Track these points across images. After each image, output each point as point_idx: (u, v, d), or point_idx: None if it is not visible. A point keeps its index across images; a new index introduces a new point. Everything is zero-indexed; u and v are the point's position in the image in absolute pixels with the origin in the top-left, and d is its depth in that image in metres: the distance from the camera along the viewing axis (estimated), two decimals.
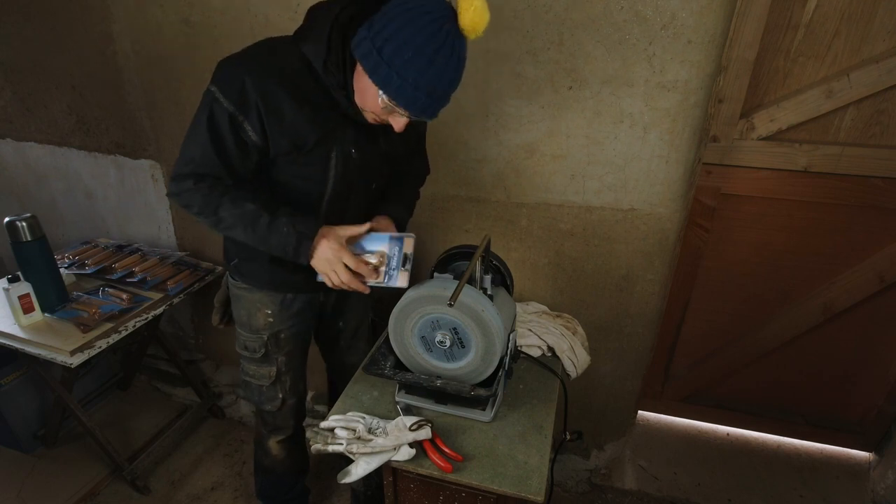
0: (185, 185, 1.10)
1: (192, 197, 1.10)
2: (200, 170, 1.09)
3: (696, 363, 1.98)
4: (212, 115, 1.04)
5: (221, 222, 1.11)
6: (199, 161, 1.08)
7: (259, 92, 1.02)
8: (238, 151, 1.08)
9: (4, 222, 1.64)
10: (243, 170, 1.12)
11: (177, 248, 2.13)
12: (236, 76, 1.02)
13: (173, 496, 1.91)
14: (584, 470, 1.99)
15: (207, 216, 1.12)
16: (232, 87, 1.02)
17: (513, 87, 1.47)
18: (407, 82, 0.93)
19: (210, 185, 1.10)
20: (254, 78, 1.02)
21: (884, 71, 1.41)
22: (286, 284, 1.31)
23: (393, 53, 0.92)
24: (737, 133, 1.56)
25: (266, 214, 1.09)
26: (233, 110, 1.03)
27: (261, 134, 1.06)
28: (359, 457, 1.07)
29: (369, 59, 0.94)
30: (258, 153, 1.10)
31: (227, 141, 1.06)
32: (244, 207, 1.09)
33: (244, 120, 1.04)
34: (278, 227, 1.09)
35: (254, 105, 1.03)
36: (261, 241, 1.12)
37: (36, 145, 2.15)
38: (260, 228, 1.09)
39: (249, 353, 1.39)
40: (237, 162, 1.10)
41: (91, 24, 1.80)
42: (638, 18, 1.31)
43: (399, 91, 0.95)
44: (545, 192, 1.58)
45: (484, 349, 1.10)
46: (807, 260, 1.72)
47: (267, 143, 1.08)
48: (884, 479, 1.86)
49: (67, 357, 1.56)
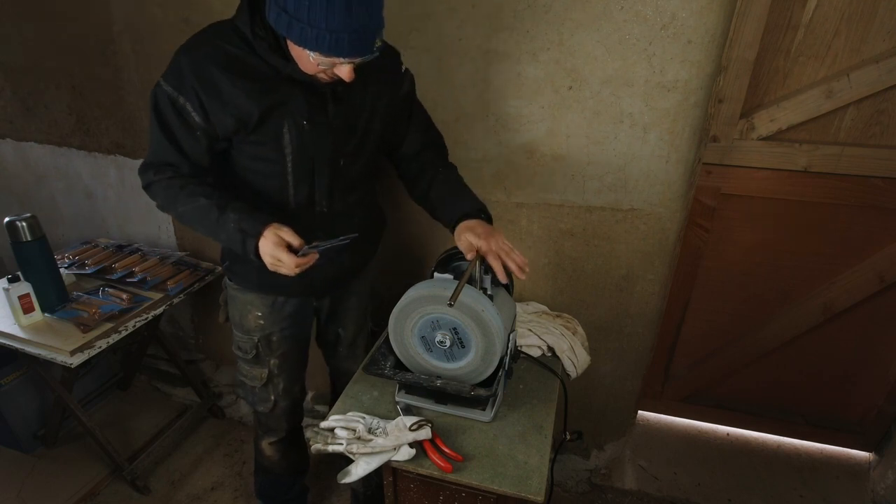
0: (148, 176, 1.13)
1: (156, 190, 1.13)
2: (157, 159, 1.12)
3: (696, 363, 1.98)
4: (157, 102, 1.08)
5: (182, 217, 1.13)
6: (155, 150, 1.12)
7: (194, 72, 1.02)
8: (186, 135, 1.08)
9: (4, 222, 1.64)
10: (197, 156, 1.12)
11: (177, 248, 2.13)
12: (175, 61, 1.05)
13: (173, 496, 1.91)
14: (584, 470, 1.99)
15: (170, 210, 1.15)
16: (171, 72, 1.05)
17: (513, 87, 1.47)
18: (320, 29, 0.90)
19: (170, 176, 1.12)
20: (189, 59, 1.03)
21: (884, 71, 1.41)
22: (274, 287, 1.30)
23: (296, 7, 0.90)
24: (737, 133, 1.56)
25: (216, 210, 1.08)
26: (171, 93, 1.05)
27: (202, 115, 1.06)
28: (359, 457, 1.07)
29: (281, 20, 0.93)
30: (206, 137, 1.09)
31: (173, 126, 1.08)
32: (197, 202, 1.09)
33: (185, 102, 1.05)
34: (225, 223, 1.08)
35: (190, 86, 1.03)
36: (215, 237, 1.12)
37: (36, 145, 2.15)
38: (211, 224, 1.09)
39: (242, 354, 1.39)
40: (187, 147, 1.10)
41: (91, 24, 1.80)
42: (638, 18, 1.31)
43: (319, 41, 0.91)
44: (545, 192, 1.58)
45: (484, 349, 1.10)
46: (807, 260, 1.72)
47: (211, 124, 1.07)
48: (884, 479, 1.86)
49: (67, 357, 1.56)
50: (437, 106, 1.38)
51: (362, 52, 0.95)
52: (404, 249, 1.80)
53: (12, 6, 1.89)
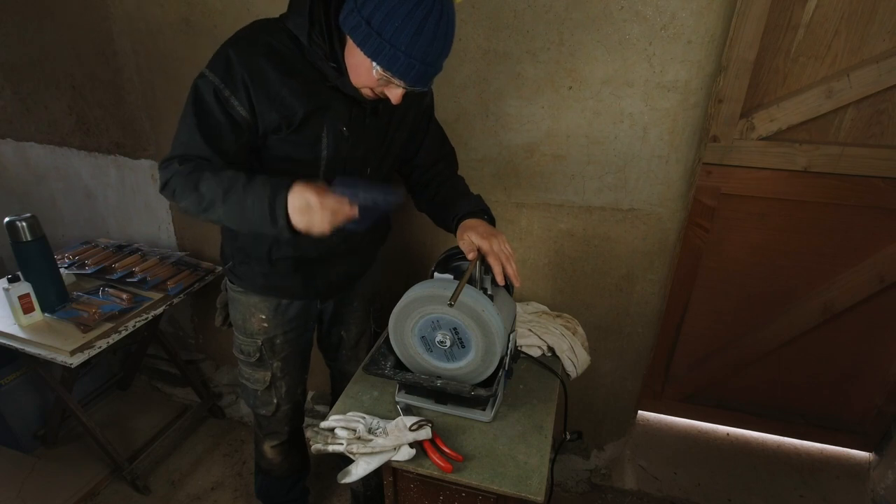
0: (171, 168, 1.04)
1: (176, 180, 1.03)
2: (186, 151, 1.04)
3: (696, 363, 1.98)
4: (199, 93, 1.03)
5: (202, 200, 1.02)
6: (185, 142, 1.05)
7: (245, 66, 1.01)
8: (226, 128, 1.05)
9: (4, 222, 1.64)
10: (231, 152, 1.07)
11: (177, 248, 2.13)
12: (221, 53, 1.03)
13: (173, 496, 1.91)
14: (584, 470, 1.99)
15: (188, 196, 1.03)
16: (218, 64, 1.02)
17: (513, 87, 1.47)
18: (399, 51, 0.92)
19: (194, 164, 1.04)
20: (238, 52, 1.01)
21: (884, 71, 1.41)
22: (280, 289, 1.30)
23: (382, 23, 0.91)
24: (737, 133, 1.56)
25: (244, 177, 1.01)
26: (218, 84, 1.01)
27: (249, 108, 1.04)
28: (359, 457, 1.07)
29: (359, 31, 0.93)
30: (247, 131, 1.07)
31: (213, 118, 1.03)
32: (222, 175, 1.02)
33: (231, 94, 1.02)
34: (253, 185, 1.00)
35: (240, 79, 1.01)
36: (238, 210, 1.01)
37: (36, 145, 2.15)
38: (236, 193, 1.00)
39: (245, 357, 1.39)
40: (224, 141, 1.05)
41: (91, 24, 1.80)
42: (638, 18, 1.31)
43: (391, 61, 0.94)
44: (545, 192, 1.58)
45: (484, 349, 1.10)
46: (807, 260, 1.72)
47: (255, 119, 1.05)
48: (884, 479, 1.86)
49: (67, 357, 1.56)
50: (437, 106, 1.38)
51: (423, 83, 0.99)
52: (405, 249, 1.80)
53: (12, 6, 1.89)
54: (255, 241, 1.23)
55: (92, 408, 2.26)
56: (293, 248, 1.23)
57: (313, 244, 1.21)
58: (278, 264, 1.25)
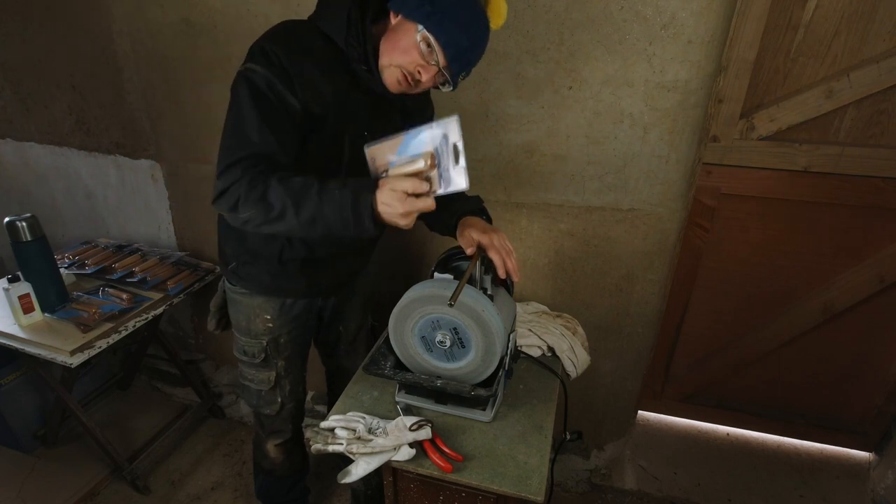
0: (234, 174, 0.97)
1: (239, 189, 0.96)
2: (249, 152, 0.98)
3: (696, 363, 1.98)
4: (254, 87, 0.98)
5: (270, 210, 0.96)
6: (255, 141, 0.98)
7: (287, 56, 1.00)
8: (286, 120, 1.01)
9: (4, 222, 1.64)
10: (293, 146, 1.03)
11: (177, 248, 2.13)
12: (260, 49, 1.01)
13: (173, 496, 1.91)
14: (584, 470, 1.99)
15: (253, 206, 0.97)
16: (261, 58, 1.00)
17: (513, 87, 1.47)
18: (448, 17, 0.95)
19: (260, 170, 0.97)
20: (280, 47, 1.00)
21: (884, 71, 1.41)
22: (287, 289, 1.31)
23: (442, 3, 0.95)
24: (737, 133, 1.56)
25: (315, 184, 0.96)
26: (269, 76, 0.99)
27: (299, 98, 1.01)
28: (359, 457, 1.07)
29: (422, 9, 0.95)
30: (300, 124, 1.04)
31: (273, 111, 0.99)
32: (291, 183, 0.96)
33: (284, 87, 1.00)
34: (330, 192, 0.95)
35: (287, 71, 0.99)
36: (312, 219, 0.96)
37: (36, 145, 2.15)
38: (311, 202, 0.95)
39: (248, 358, 1.38)
40: (289, 132, 1.02)
41: (91, 24, 1.80)
42: (638, 18, 1.31)
43: (440, 25, 0.95)
44: (545, 192, 1.58)
45: (484, 349, 1.10)
46: (807, 260, 1.72)
47: (302, 109, 1.02)
48: (884, 479, 1.86)
49: (67, 357, 1.56)
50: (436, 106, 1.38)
51: (460, 64, 1.01)
52: (404, 249, 1.80)
53: (13, 6, 1.89)
54: (267, 242, 1.23)
55: (92, 408, 2.26)
56: (306, 248, 1.23)
57: (325, 244, 1.24)
58: (287, 264, 1.25)
